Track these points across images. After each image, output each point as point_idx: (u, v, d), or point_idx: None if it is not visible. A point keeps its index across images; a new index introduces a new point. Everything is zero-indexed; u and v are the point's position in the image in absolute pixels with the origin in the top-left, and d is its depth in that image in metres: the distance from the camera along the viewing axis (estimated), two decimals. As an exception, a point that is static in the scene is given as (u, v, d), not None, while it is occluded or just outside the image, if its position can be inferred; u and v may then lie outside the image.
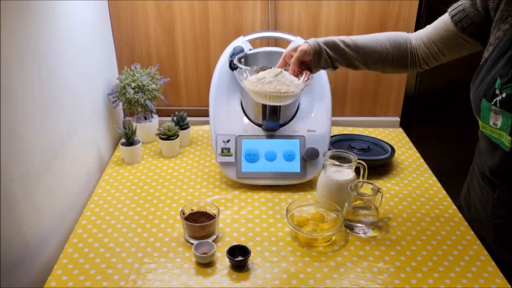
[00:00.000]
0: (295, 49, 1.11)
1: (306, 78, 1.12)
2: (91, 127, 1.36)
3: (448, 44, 1.06)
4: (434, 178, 1.37)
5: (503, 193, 1.02)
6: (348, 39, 1.12)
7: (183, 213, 1.11)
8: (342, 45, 1.11)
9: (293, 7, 1.53)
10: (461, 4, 1.02)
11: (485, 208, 1.08)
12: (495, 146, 0.97)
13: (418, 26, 1.59)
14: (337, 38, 1.12)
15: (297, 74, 1.12)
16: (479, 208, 1.11)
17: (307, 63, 1.12)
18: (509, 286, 0.96)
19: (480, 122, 0.98)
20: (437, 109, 1.81)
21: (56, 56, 1.12)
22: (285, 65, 1.14)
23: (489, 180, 1.05)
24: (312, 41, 1.10)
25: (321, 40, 1.11)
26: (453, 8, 1.04)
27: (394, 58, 1.12)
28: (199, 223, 1.08)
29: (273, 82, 1.09)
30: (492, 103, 0.91)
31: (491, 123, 0.93)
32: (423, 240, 1.10)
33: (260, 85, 1.09)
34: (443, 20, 1.06)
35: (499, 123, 0.91)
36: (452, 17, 1.03)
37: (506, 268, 1.02)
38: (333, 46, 1.11)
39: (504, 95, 0.89)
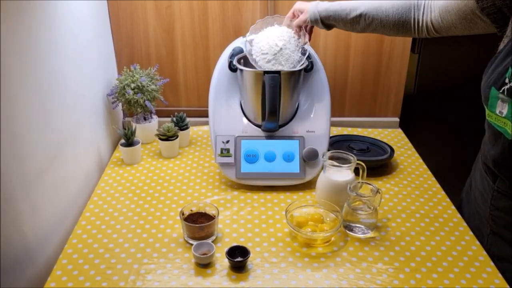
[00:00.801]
0: (301, 11, 1.24)
1: (303, 41, 1.27)
2: (90, 127, 1.36)
3: (463, 18, 1.05)
4: (433, 178, 1.37)
5: (503, 184, 1.03)
6: (352, 6, 1.18)
7: (183, 214, 1.11)
8: (343, 15, 1.19)
9: (291, 5, 1.52)
10: None
11: (484, 200, 1.09)
12: (498, 135, 0.98)
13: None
14: (339, 7, 1.20)
15: (299, 35, 1.27)
16: (478, 200, 1.12)
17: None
18: (508, 286, 0.97)
19: (486, 111, 0.99)
20: (436, 110, 1.81)
21: (55, 56, 1.12)
22: (293, 18, 1.27)
23: (490, 171, 1.06)
24: (312, 9, 1.21)
25: (322, 8, 1.20)
26: None
27: (395, 26, 1.16)
28: (199, 223, 1.09)
29: (271, 61, 1.24)
30: (500, 91, 0.92)
31: (497, 111, 0.95)
32: (422, 241, 1.10)
33: (261, 62, 1.25)
34: None
35: (504, 111, 0.93)
36: None
37: (502, 261, 1.03)
38: (333, 17, 1.20)
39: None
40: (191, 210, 1.13)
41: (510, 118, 0.92)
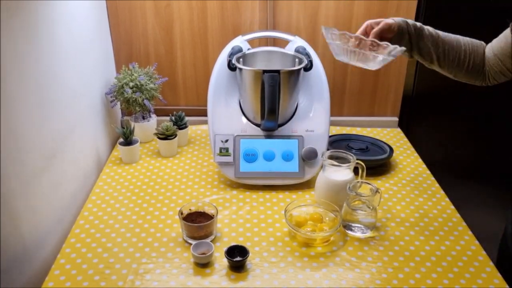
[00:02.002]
0: (378, 22, 1.07)
1: (387, 51, 1.03)
2: (89, 126, 1.36)
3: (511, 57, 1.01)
4: (433, 178, 1.37)
5: None
6: (433, 29, 1.10)
7: (181, 213, 1.11)
8: (426, 32, 1.08)
9: (291, 6, 1.53)
10: None
11: None
12: None
13: (417, 18, 1.58)
14: (423, 25, 1.10)
15: (375, 47, 1.04)
16: None
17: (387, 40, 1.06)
18: (507, 287, 0.96)
19: None
20: (435, 109, 1.81)
21: (53, 55, 1.12)
22: (364, 34, 1.07)
23: None
24: (398, 18, 1.08)
25: (408, 20, 1.09)
26: None
27: (470, 64, 1.09)
28: (198, 223, 1.08)
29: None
30: None
31: None
32: (422, 240, 1.10)
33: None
34: (505, 34, 1.03)
35: None
36: None
37: None
38: (418, 29, 1.08)
39: None
40: (190, 210, 1.13)
41: None
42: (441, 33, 1.10)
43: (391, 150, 1.44)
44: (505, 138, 1.77)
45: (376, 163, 1.39)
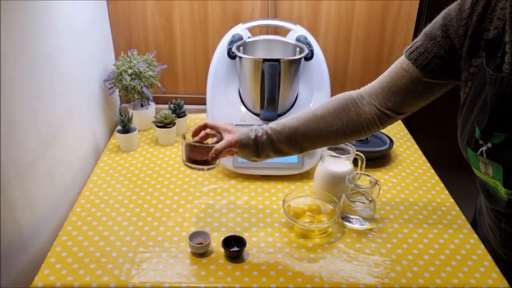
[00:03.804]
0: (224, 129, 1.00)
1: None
2: (86, 113, 1.35)
3: (414, 91, 0.90)
4: (432, 170, 1.36)
5: (509, 226, 0.95)
6: (281, 125, 0.98)
7: (184, 138, 1.03)
8: (276, 136, 0.97)
9: (292, 5, 1.51)
10: (420, 46, 0.87)
11: (494, 236, 1.02)
12: (492, 192, 0.88)
13: (419, 17, 1.57)
14: (267, 129, 0.98)
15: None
16: (489, 232, 1.04)
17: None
18: (505, 281, 0.96)
19: (473, 169, 0.87)
20: (436, 101, 1.79)
21: (51, 41, 1.10)
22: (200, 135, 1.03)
23: (493, 211, 0.99)
24: (244, 133, 0.99)
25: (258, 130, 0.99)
26: (411, 51, 0.89)
27: (343, 129, 0.96)
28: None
29: None
30: (478, 153, 0.81)
31: (482, 172, 0.83)
32: (420, 233, 1.09)
33: None
34: (402, 67, 0.90)
35: (490, 173, 0.82)
36: (414, 61, 0.88)
37: None
38: (265, 139, 0.98)
39: (489, 145, 0.78)
40: (192, 138, 1.04)
41: (499, 180, 0.80)
42: (294, 122, 0.97)
43: (391, 141, 1.43)
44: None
45: (376, 154, 1.38)
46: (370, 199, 1.10)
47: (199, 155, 1.01)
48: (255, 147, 0.98)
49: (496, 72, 0.76)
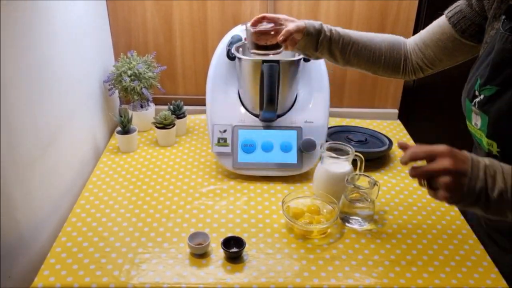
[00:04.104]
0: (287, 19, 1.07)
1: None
2: (86, 114, 1.35)
3: (444, 48, 1.02)
4: (431, 171, 1.36)
5: None
6: (344, 31, 1.08)
7: (248, 26, 1.06)
8: (336, 37, 1.07)
9: (292, 4, 1.51)
10: (458, 5, 0.99)
11: None
12: (478, 144, 0.96)
13: (418, 17, 1.57)
14: (334, 28, 1.08)
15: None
16: None
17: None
18: (504, 282, 0.96)
19: (467, 121, 0.96)
20: (436, 102, 1.80)
21: (51, 42, 1.10)
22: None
23: None
24: (310, 22, 1.06)
25: (316, 24, 1.06)
26: (449, 10, 1.01)
27: (387, 60, 1.10)
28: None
29: None
30: (472, 104, 0.90)
31: (473, 123, 0.92)
32: (419, 234, 1.10)
33: None
34: (439, 24, 1.03)
35: (478, 124, 0.89)
36: (449, 18, 1.00)
37: (497, 263, 1.02)
38: (327, 35, 1.06)
39: (482, 96, 0.88)
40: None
41: (483, 131, 0.88)
42: (353, 34, 1.08)
43: (391, 142, 1.43)
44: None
45: (375, 155, 1.39)
46: (369, 199, 1.10)
47: (266, 39, 1.05)
48: (316, 39, 1.06)
49: (509, 32, 0.83)
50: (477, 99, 0.89)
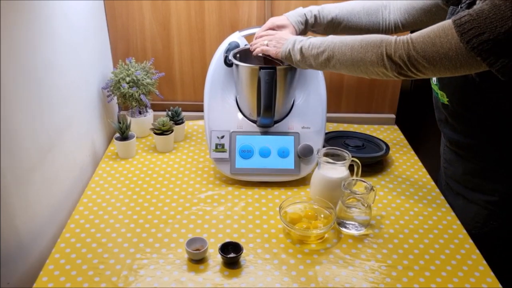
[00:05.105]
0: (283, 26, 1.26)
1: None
2: (85, 121, 1.36)
3: (428, 11, 1.17)
4: (428, 176, 1.37)
5: (447, 140, 1.20)
6: (330, 12, 1.26)
7: None
8: (322, 20, 1.26)
9: (289, 2, 1.52)
10: None
11: (439, 156, 1.30)
12: (436, 99, 1.17)
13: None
14: (314, 11, 1.26)
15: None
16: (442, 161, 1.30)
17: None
18: (499, 285, 0.97)
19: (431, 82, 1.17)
20: (433, 107, 1.80)
21: (50, 49, 1.11)
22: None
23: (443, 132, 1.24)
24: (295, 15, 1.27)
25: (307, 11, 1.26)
26: None
27: (366, 26, 1.26)
28: None
29: None
30: None
31: (433, 82, 1.14)
32: (416, 239, 1.10)
33: None
34: None
35: (434, 79, 1.13)
36: None
37: (453, 207, 1.22)
38: (312, 21, 1.26)
39: None
40: None
41: (438, 85, 1.12)
42: (335, 13, 1.26)
43: (387, 147, 1.44)
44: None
45: (372, 160, 1.39)
46: (366, 204, 1.11)
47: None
48: (304, 32, 1.29)
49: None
50: None
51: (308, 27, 1.27)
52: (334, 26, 1.26)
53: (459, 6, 1.02)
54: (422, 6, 1.18)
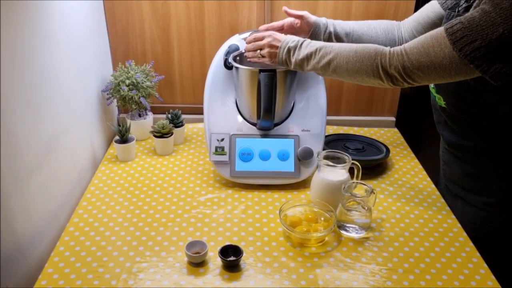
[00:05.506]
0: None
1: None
2: (84, 123, 1.36)
3: (434, 24, 1.15)
4: (428, 179, 1.37)
5: (445, 142, 1.21)
6: (341, 27, 1.26)
7: None
8: (339, 33, 1.26)
9: (289, 5, 1.52)
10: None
11: (438, 159, 1.31)
12: (435, 102, 1.18)
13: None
14: (333, 26, 1.26)
15: None
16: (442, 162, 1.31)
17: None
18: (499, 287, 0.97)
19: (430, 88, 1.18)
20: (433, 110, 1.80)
21: (49, 52, 1.11)
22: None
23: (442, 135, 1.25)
24: (317, 19, 1.27)
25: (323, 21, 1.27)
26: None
27: (383, 42, 1.25)
28: None
29: None
30: None
31: (431, 86, 1.16)
32: (416, 242, 1.10)
33: None
34: (431, 4, 1.18)
35: (432, 84, 1.14)
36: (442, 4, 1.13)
37: (452, 208, 1.23)
38: (329, 31, 1.27)
39: None
40: None
41: (435, 88, 1.13)
42: (351, 24, 1.27)
43: (388, 150, 1.43)
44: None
45: (372, 163, 1.39)
46: (366, 207, 1.11)
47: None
48: (324, 32, 1.28)
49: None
50: None
51: (322, 34, 1.27)
52: (352, 40, 1.26)
53: (456, 11, 1.02)
54: (427, 20, 1.19)
